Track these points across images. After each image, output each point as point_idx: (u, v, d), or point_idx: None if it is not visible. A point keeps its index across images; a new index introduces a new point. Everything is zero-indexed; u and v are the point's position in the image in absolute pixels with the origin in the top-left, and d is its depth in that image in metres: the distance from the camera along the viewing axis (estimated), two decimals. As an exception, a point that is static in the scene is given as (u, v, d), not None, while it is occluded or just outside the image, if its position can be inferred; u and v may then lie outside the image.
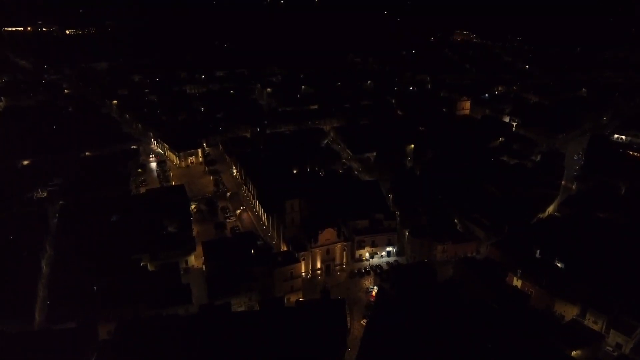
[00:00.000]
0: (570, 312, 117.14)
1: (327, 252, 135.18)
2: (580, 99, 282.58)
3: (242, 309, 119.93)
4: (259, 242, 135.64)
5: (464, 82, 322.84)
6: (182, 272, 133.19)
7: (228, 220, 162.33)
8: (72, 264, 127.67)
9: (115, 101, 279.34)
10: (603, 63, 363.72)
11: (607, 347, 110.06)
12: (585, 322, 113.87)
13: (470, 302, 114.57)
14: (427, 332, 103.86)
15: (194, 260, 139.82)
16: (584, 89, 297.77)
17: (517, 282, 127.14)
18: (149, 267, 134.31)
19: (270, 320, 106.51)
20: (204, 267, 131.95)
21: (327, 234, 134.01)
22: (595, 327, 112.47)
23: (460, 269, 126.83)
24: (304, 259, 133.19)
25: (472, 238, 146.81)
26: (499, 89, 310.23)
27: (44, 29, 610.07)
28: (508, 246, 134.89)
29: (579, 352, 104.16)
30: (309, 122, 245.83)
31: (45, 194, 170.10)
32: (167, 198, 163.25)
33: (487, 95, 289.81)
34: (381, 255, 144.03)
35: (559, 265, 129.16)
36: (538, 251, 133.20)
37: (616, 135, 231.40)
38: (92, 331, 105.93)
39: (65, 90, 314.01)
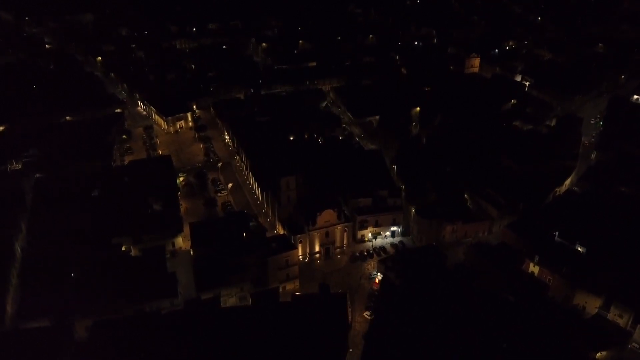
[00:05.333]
0: (592, 303, 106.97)
1: (327, 234, 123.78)
2: (596, 55, 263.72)
3: (233, 299, 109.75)
4: (251, 224, 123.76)
5: (471, 36, 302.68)
6: (168, 255, 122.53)
7: (219, 195, 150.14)
8: (48, 250, 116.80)
9: (100, 58, 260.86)
10: (621, 15, 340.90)
11: (633, 344, 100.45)
12: (609, 316, 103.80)
13: (483, 295, 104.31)
14: (436, 332, 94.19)
15: (182, 242, 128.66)
16: (600, 44, 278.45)
17: (534, 269, 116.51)
18: (133, 251, 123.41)
19: (264, 318, 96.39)
20: (191, 252, 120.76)
21: (327, 216, 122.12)
22: (620, 322, 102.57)
23: (473, 255, 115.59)
24: (301, 242, 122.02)
25: (484, 217, 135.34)
26: (510, 44, 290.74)
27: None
28: (524, 228, 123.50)
29: (603, 353, 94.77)
30: (307, 82, 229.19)
31: (20, 166, 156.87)
32: (153, 171, 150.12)
33: (496, 51, 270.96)
34: (385, 236, 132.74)
35: (579, 250, 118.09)
36: (557, 233, 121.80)
37: (635, 97, 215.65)
38: (66, 331, 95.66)
39: (47, 46, 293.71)
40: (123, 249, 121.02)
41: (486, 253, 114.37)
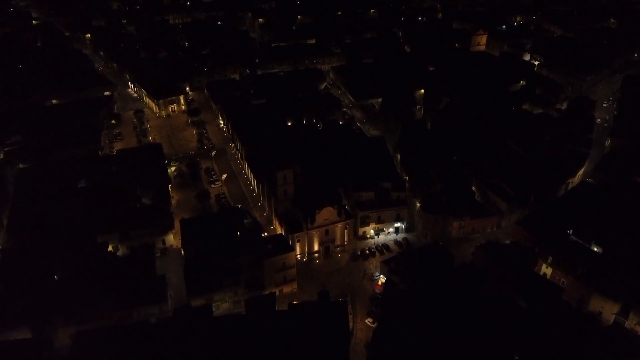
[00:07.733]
0: (609, 309, 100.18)
1: (326, 232, 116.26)
2: (608, 30, 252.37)
3: (227, 305, 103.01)
4: (246, 221, 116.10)
5: (477, 9, 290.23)
6: (158, 253, 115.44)
7: (213, 186, 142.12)
8: (30, 248, 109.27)
9: (89, 35, 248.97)
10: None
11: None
12: (627, 324, 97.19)
13: (493, 300, 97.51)
14: (443, 341, 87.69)
15: (173, 239, 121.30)
16: (612, 19, 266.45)
17: (547, 270, 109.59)
18: (120, 249, 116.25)
19: (259, 328, 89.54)
20: (182, 251, 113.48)
21: (326, 213, 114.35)
22: (639, 330, 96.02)
23: (482, 256, 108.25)
24: (299, 241, 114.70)
25: (493, 210, 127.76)
26: (517, 18, 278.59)
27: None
28: (536, 225, 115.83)
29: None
30: (306, 61, 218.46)
31: (2, 155, 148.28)
32: (142, 160, 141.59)
33: (504, 26, 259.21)
34: (388, 233, 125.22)
35: (595, 249, 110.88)
36: (571, 231, 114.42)
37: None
38: (47, 344, 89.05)
39: (34, 21, 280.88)
40: (110, 248, 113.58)
41: (496, 254, 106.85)
